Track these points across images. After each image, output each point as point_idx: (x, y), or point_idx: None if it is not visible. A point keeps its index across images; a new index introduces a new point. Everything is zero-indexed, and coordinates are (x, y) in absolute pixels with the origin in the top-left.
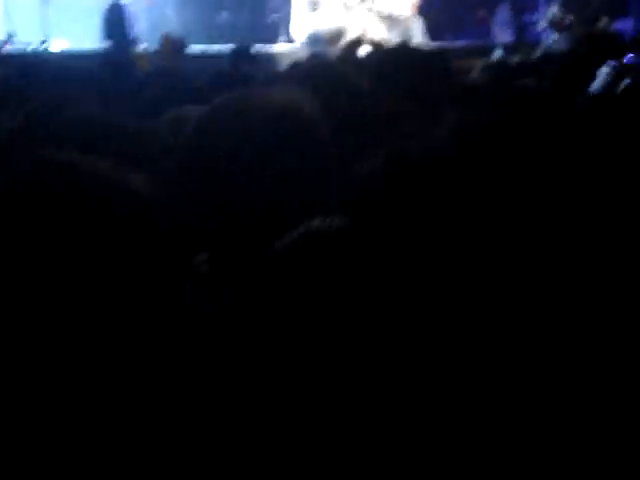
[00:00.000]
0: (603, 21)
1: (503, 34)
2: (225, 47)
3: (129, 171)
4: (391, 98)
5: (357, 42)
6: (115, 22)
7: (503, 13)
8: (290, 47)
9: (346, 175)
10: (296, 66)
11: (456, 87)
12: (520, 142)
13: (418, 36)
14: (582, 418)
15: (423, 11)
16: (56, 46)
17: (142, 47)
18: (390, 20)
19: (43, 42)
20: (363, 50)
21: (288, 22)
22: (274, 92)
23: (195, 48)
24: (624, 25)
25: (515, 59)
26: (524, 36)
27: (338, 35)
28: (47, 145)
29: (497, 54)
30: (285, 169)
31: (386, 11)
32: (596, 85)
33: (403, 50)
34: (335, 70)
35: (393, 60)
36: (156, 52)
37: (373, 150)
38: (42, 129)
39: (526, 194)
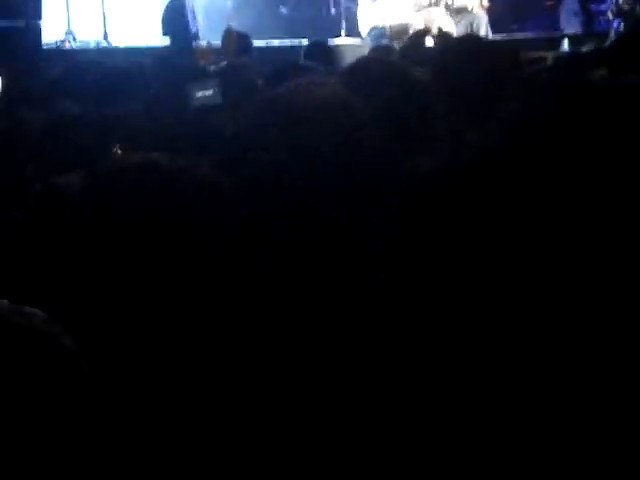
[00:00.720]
0: None
1: (571, 24)
2: (286, 41)
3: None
4: (454, 91)
5: (423, 34)
6: (176, 18)
7: (571, 2)
8: (353, 41)
9: (402, 170)
10: (358, 61)
11: (525, 79)
12: (584, 139)
13: (484, 28)
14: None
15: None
16: (116, 43)
17: (204, 42)
18: (457, 12)
19: (103, 39)
20: (429, 42)
21: (348, 16)
22: (318, 87)
23: (257, 43)
24: None
25: (584, 49)
26: (593, 26)
27: (402, 30)
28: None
29: (565, 45)
30: (328, 163)
31: (457, 3)
32: None
33: (470, 41)
34: (395, 65)
35: (459, 51)
36: (219, 47)
37: (430, 146)
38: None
39: (581, 191)
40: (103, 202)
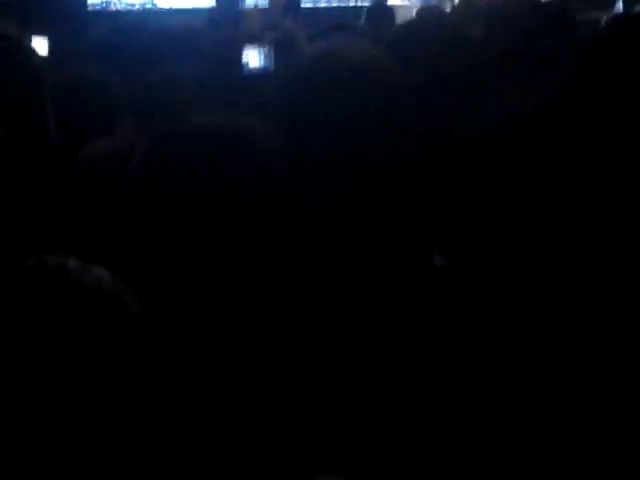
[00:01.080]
0: None
1: None
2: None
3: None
4: (506, 50)
5: None
6: None
7: None
8: (400, 1)
9: (452, 130)
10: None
11: (579, 40)
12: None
13: None
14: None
15: None
16: (164, 3)
17: (252, 3)
18: None
19: (149, 0)
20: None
21: None
22: (348, 47)
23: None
24: None
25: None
26: None
27: None
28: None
29: (620, 5)
30: (356, 123)
31: None
32: None
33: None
34: (444, 25)
35: (512, 11)
36: (266, 8)
37: (483, 106)
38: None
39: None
40: (167, 164)
